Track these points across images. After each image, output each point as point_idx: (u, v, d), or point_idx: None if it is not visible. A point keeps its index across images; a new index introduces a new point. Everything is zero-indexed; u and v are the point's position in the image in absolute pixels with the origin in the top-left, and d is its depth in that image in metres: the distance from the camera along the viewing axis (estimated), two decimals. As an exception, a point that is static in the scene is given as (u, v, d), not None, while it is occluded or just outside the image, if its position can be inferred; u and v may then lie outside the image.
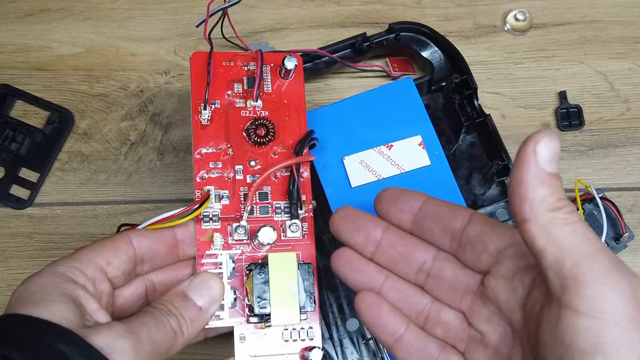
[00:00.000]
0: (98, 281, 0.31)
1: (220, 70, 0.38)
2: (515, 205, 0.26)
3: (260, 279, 0.34)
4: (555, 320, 0.25)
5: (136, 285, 0.34)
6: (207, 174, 0.36)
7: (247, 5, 0.49)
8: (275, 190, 0.36)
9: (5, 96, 0.45)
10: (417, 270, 0.33)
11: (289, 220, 0.36)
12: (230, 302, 0.34)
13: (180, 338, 0.30)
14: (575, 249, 0.25)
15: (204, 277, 0.33)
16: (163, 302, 0.31)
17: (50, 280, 0.29)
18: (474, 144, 0.44)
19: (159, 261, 0.34)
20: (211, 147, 0.36)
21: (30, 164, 0.44)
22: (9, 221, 0.44)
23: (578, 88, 0.47)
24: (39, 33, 0.47)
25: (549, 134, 0.25)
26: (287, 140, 0.37)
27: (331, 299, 0.40)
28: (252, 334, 0.34)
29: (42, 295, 0.28)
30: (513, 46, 0.48)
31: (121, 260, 0.32)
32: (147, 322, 0.29)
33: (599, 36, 0.48)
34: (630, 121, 0.46)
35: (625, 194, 0.44)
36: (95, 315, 0.29)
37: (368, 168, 0.39)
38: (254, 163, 0.36)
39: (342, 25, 0.48)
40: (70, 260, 0.31)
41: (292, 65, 0.37)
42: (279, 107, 0.38)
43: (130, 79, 0.47)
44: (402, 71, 0.46)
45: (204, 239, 0.35)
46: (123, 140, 0.45)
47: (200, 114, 0.36)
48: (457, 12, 0.48)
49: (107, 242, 0.32)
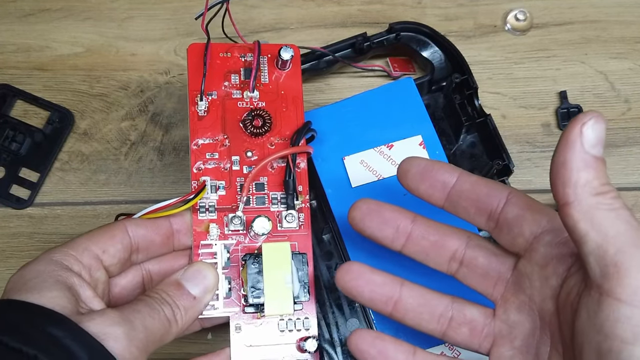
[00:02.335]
0: (94, 269, 0.31)
1: (217, 62, 0.38)
2: (558, 188, 0.25)
3: (254, 269, 0.34)
4: (595, 308, 0.24)
5: (133, 274, 0.34)
6: (204, 165, 0.36)
7: (247, 5, 0.49)
8: (272, 181, 0.37)
9: (5, 96, 0.45)
10: (449, 259, 0.32)
11: (285, 211, 0.36)
12: (225, 291, 0.34)
13: (174, 326, 0.31)
14: (618, 236, 0.24)
15: (198, 266, 0.33)
16: (157, 290, 0.31)
17: (45, 267, 0.29)
18: (475, 143, 0.44)
19: (154, 250, 0.34)
20: (208, 138, 0.36)
21: (31, 164, 0.44)
22: (9, 221, 0.44)
23: (578, 88, 0.47)
24: (39, 33, 0.47)
25: (597, 115, 0.24)
26: (284, 131, 0.37)
27: (331, 299, 0.40)
28: (247, 324, 0.34)
29: (37, 282, 0.28)
30: (513, 46, 0.48)
31: (117, 248, 0.32)
32: (141, 310, 0.30)
33: (600, 36, 0.48)
34: (631, 121, 0.46)
35: (625, 194, 0.44)
36: (90, 303, 0.30)
37: (368, 168, 0.39)
38: (251, 154, 0.37)
39: (343, 25, 0.48)
40: (66, 248, 0.31)
41: (288, 55, 0.37)
42: (275, 98, 0.38)
43: (130, 79, 0.47)
44: (402, 71, 0.46)
45: (200, 229, 0.35)
46: (123, 140, 0.45)
47: (196, 105, 0.37)
48: (458, 12, 0.48)
49: (103, 231, 0.33)
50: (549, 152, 0.45)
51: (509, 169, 0.41)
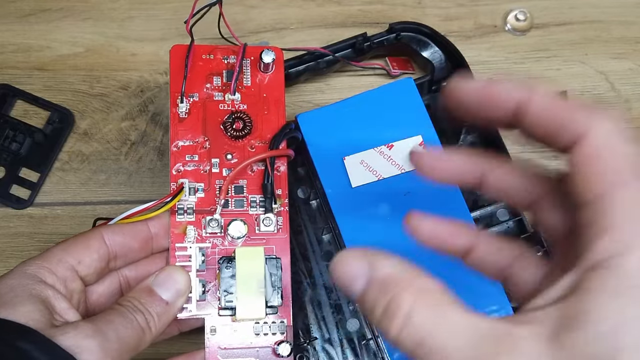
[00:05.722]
0: (69, 280, 0.31)
1: (199, 63, 0.38)
2: None
3: (227, 272, 0.34)
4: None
5: (110, 280, 0.34)
6: (183, 167, 0.36)
7: (247, 5, 0.49)
8: (251, 184, 0.37)
9: (6, 96, 0.45)
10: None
11: (263, 215, 0.36)
12: (198, 294, 0.34)
13: (148, 334, 0.31)
14: None
15: (169, 271, 0.33)
16: (129, 298, 0.31)
17: (18, 281, 0.29)
18: (475, 144, 0.44)
19: (132, 256, 0.34)
20: (188, 140, 0.36)
21: (31, 164, 0.44)
22: (9, 221, 0.44)
23: (579, 88, 0.47)
24: (39, 33, 0.47)
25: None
26: (264, 134, 0.37)
27: (331, 299, 0.40)
28: (223, 325, 0.34)
29: (9, 297, 0.28)
30: (514, 46, 0.48)
31: (92, 258, 0.32)
32: (114, 320, 0.30)
33: (600, 36, 0.48)
34: (631, 121, 0.46)
35: (626, 194, 0.44)
36: (65, 315, 0.29)
37: (368, 168, 0.39)
38: (231, 156, 0.37)
39: (343, 25, 0.48)
40: (40, 261, 0.31)
41: (269, 59, 0.37)
42: (257, 101, 0.38)
43: (130, 79, 0.47)
44: (401, 69, 0.46)
45: (177, 231, 0.35)
46: (123, 140, 0.45)
47: (177, 107, 0.37)
48: (458, 12, 0.48)
49: (78, 241, 0.32)
50: (549, 152, 0.45)
51: (509, 169, 0.41)
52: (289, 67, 0.44)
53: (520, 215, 0.41)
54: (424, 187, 0.39)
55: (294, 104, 0.46)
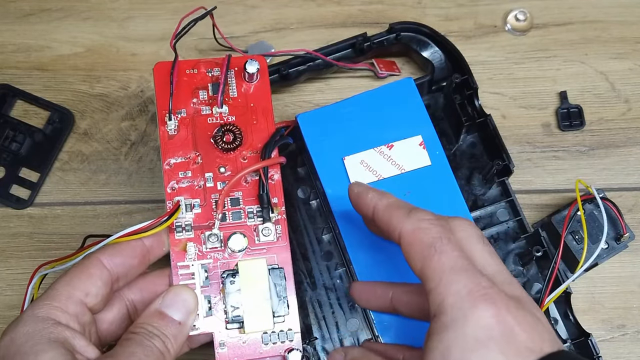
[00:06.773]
0: (80, 315, 0.31)
1: (184, 79, 0.38)
2: None
3: (232, 287, 0.34)
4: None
5: (117, 307, 0.34)
6: (178, 184, 0.36)
7: (247, 5, 0.49)
8: (247, 195, 0.36)
9: (6, 96, 0.45)
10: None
11: (262, 225, 0.36)
12: (205, 311, 0.34)
13: (168, 356, 0.31)
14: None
15: (176, 290, 0.33)
16: (142, 325, 0.31)
17: (34, 327, 0.29)
18: (475, 144, 0.44)
19: (133, 273, 0.34)
20: (180, 157, 0.36)
21: (31, 164, 0.44)
22: (9, 221, 0.44)
23: (579, 88, 0.47)
24: (39, 33, 0.47)
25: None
26: (255, 143, 0.37)
27: (331, 299, 0.40)
28: (231, 339, 0.34)
29: (29, 346, 0.28)
30: (514, 46, 0.48)
31: (98, 286, 0.32)
32: (135, 351, 0.29)
33: (600, 36, 0.48)
34: (631, 121, 0.46)
35: (625, 194, 0.44)
36: (85, 353, 0.29)
37: (368, 168, 0.39)
38: (224, 169, 0.36)
39: (343, 25, 0.48)
40: (49, 301, 0.30)
41: (253, 69, 0.37)
42: (245, 112, 0.38)
43: (130, 78, 0.47)
44: (388, 71, 0.46)
45: (178, 249, 0.35)
46: (123, 140, 0.45)
47: (166, 124, 0.36)
48: (458, 12, 0.48)
49: (79, 272, 0.32)
50: (549, 152, 0.45)
51: (509, 169, 0.41)
52: (289, 67, 0.44)
53: (520, 215, 0.41)
54: (424, 187, 0.39)
55: (294, 104, 0.46)
